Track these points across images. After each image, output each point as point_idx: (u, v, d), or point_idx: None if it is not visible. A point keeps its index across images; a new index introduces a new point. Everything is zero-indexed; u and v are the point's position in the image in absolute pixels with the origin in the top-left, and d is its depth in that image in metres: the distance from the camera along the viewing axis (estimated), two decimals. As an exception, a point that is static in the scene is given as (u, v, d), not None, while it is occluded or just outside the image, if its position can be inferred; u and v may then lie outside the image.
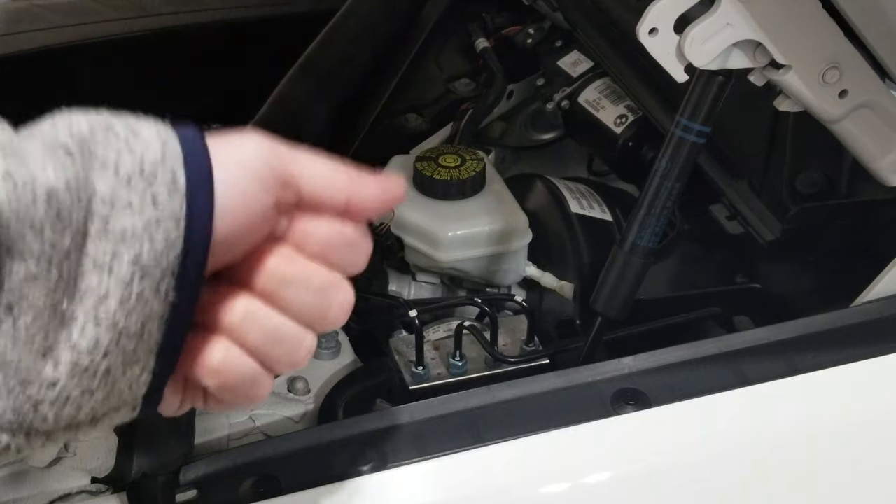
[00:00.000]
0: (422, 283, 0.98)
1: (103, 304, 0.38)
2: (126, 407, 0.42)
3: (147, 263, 0.39)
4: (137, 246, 0.38)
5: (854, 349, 0.68)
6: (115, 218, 0.38)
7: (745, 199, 0.88)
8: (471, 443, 0.62)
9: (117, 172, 0.38)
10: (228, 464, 0.61)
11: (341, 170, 0.46)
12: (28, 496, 0.65)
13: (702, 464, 0.64)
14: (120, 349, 0.39)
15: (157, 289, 0.39)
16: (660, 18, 0.62)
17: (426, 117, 1.13)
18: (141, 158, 0.39)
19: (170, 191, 0.39)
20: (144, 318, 0.39)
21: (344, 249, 0.45)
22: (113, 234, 0.38)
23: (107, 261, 0.38)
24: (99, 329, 0.38)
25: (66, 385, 0.39)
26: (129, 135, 0.39)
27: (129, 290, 0.38)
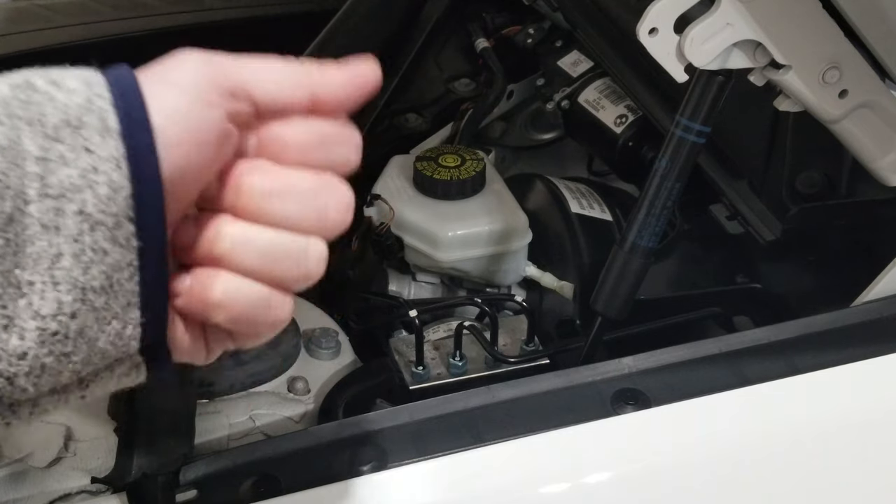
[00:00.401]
0: (422, 283, 0.98)
1: (58, 264, 0.36)
2: (122, 365, 0.40)
3: (93, 213, 0.37)
4: (79, 197, 0.37)
5: (854, 349, 0.68)
6: (49, 173, 0.36)
7: (745, 199, 0.88)
8: (471, 443, 0.62)
9: (43, 127, 0.37)
10: (228, 464, 0.61)
11: (296, 67, 0.42)
12: (28, 496, 0.65)
13: (702, 464, 0.64)
14: (88, 307, 0.37)
15: (114, 238, 0.37)
16: (660, 18, 0.62)
17: (426, 117, 1.13)
18: (65, 107, 0.37)
19: (101, 134, 0.37)
20: (108, 270, 0.37)
21: (326, 148, 0.43)
22: (52, 191, 0.36)
23: (52, 219, 0.36)
24: (59, 291, 0.37)
25: (37, 353, 0.37)
26: (50, 87, 0.38)
27: (81, 245, 0.37)
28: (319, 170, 0.42)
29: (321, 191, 0.42)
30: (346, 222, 0.43)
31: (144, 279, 0.39)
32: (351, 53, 0.47)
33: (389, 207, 0.93)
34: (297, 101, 0.42)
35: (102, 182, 0.37)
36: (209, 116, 0.40)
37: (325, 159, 0.43)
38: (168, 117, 0.39)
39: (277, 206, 0.41)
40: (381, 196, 0.94)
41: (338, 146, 0.43)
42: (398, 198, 0.95)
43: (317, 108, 0.42)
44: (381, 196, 0.94)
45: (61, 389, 0.39)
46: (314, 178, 0.42)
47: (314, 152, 0.42)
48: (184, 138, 0.39)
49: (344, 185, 0.43)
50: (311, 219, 0.42)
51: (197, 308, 0.41)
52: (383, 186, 0.97)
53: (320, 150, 0.43)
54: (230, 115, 0.40)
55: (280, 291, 0.42)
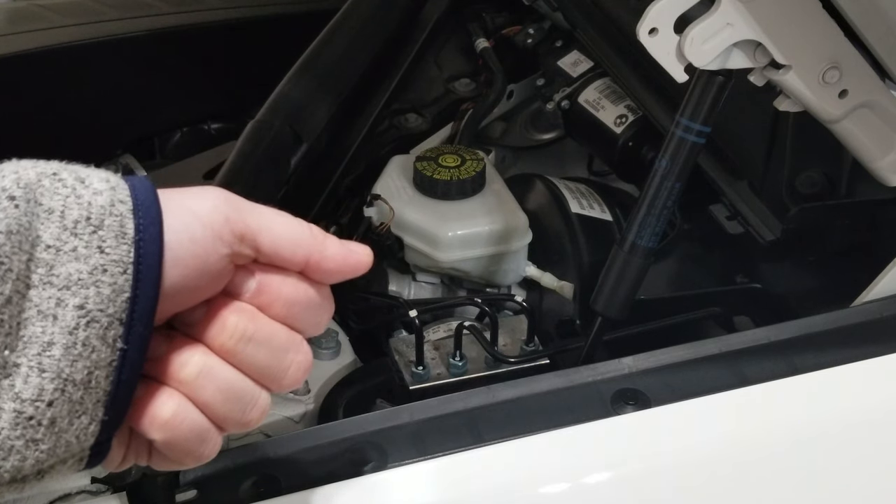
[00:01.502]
0: (422, 283, 0.98)
1: (47, 352, 0.38)
2: (73, 459, 0.41)
3: (93, 310, 0.38)
4: (83, 293, 0.38)
5: (854, 349, 0.68)
6: (59, 264, 0.38)
7: (745, 199, 0.88)
8: (471, 443, 0.62)
9: (63, 219, 0.38)
10: (228, 464, 0.61)
11: (304, 227, 0.45)
12: (28, 496, 0.64)
13: (702, 464, 0.64)
14: (66, 398, 0.38)
15: (104, 336, 0.39)
16: (660, 18, 0.62)
17: (426, 117, 1.13)
18: (88, 205, 0.39)
19: (117, 237, 0.39)
20: (91, 367, 0.39)
21: (308, 311, 0.45)
22: (57, 281, 0.38)
23: (51, 308, 0.38)
24: (43, 378, 0.38)
25: (9, 435, 0.38)
26: (76, 183, 0.39)
27: (74, 338, 0.38)
28: (295, 328, 0.45)
29: (290, 349, 0.44)
30: (299, 384, 0.46)
31: (119, 379, 0.40)
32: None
33: (389, 207, 0.93)
34: (296, 260, 0.44)
35: (107, 283, 0.38)
36: (216, 250, 0.42)
37: (303, 321, 0.45)
38: (179, 239, 0.40)
39: (251, 352, 0.43)
40: (381, 196, 0.94)
41: (318, 312, 0.46)
42: (398, 198, 0.95)
43: (306, 271, 0.45)
44: (381, 196, 0.94)
45: (20, 479, 0.39)
46: (288, 335, 0.44)
47: (298, 312, 0.45)
48: (188, 262, 0.41)
49: (308, 349, 0.45)
50: (274, 372, 0.44)
51: (142, 420, 0.43)
52: (383, 186, 0.97)
53: (304, 312, 0.45)
54: (234, 254, 0.43)
55: (217, 430, 0.44)
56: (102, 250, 0.38)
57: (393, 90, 1.10)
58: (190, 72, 1.25)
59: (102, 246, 0.39)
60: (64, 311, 0.38)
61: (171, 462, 0.45)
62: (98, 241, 0.38)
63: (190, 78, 1.25)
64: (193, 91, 1.26)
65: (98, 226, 0.39)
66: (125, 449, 0.44)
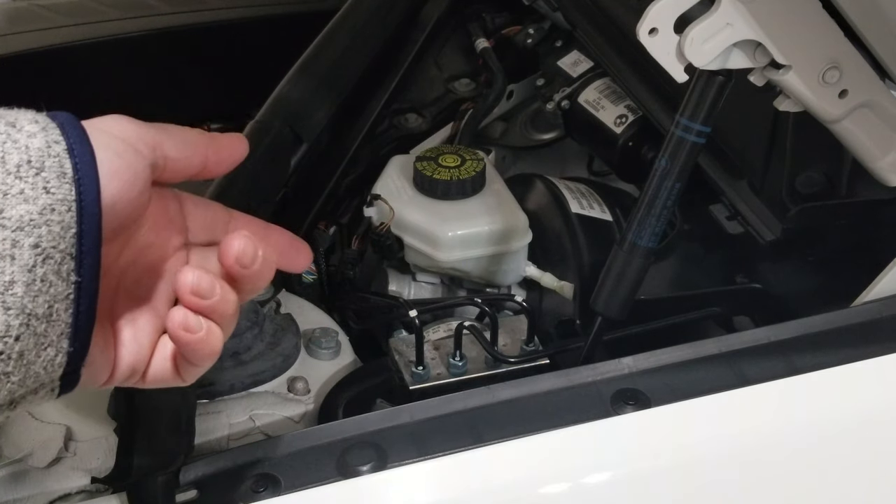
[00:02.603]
0: (422, 283, 0.98)
1: (10, 291, 0.40)
2: (44, 389, 0.43)
3: (47, 247, 0.40)
4: (36, 232, 0.40)
5: (854, 349, 0.68)
6: (9, 207, 0.40)
7: (745, 199, 0.88)
8: (471, 443, 0.62)
9: (4, 163, 0.40)
10: (228, 464, 0.61)
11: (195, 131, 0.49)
12: (28, 496, 0.65)
13: (701, 464, 0.64)
14: (31, 332, 0.41)
15: (59, 271, 0.41)
16: (660, 18, 0.62)
17: (426, 117, 1.13)
18: (26, 149, 0.41)
19: (59, 177, 0.41)
20: (51, 300, 0.41)
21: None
22: (10, 223, 0.40)
23: (7, 249, 0.40)
24: (8, 315, 0.40)
25: None
26: (8, 128, 0.41)
27: (33, 275, 0.40)
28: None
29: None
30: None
31: (78, 311, 0.42)
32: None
33: (389, 207, 0.93)
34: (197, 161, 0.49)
35: (56, 221, 0.41)
36: (138, 160, 0.45)
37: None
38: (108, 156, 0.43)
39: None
40: (381, 196, 0.94)
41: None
42: (398, 198, 0.95)
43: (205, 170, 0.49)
44: (381, 196, 0.94)
45: None
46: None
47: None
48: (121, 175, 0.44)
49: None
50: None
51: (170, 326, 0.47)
52: (383, 186, 0.97)
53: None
54: (152, 164, 0.46)
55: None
56: (48, 191, 0.41)
57: (393, 90, 1.10)
58: (190, 72, 1.25)
59: (47, 187, 0.41)
60: (21, 251, 0.40)
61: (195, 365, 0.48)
62: (43, 183, 0.41)
63: (190, 78, 1.25)
64: (193, 91, 1.26)
65: (40, 168, 0.41)
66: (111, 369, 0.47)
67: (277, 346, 0.78)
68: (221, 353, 0.71)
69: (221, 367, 0.75)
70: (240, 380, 0.75)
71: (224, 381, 0.74)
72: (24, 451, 0.67)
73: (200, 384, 0.73)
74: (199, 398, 0.72)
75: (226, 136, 0.51)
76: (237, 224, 0.53)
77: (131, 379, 0.48)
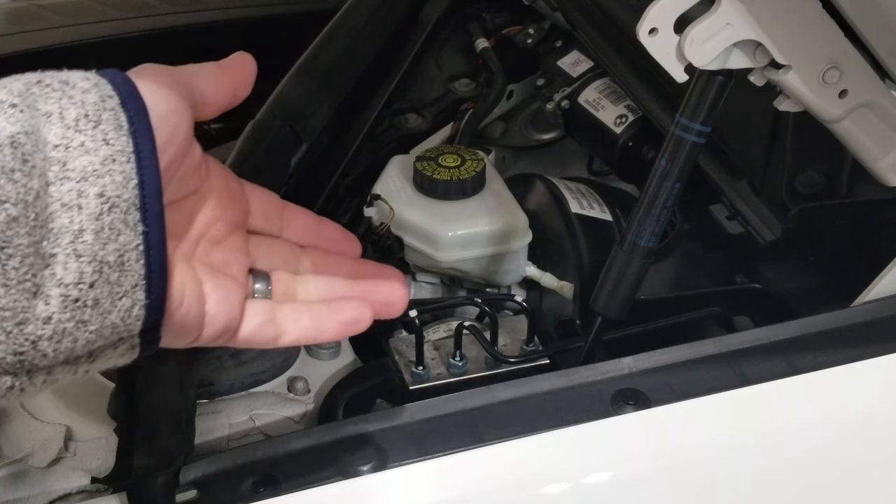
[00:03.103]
0: (422, 283, 0.98)
1: (80, 239, 0.41)
2: (123, 344, 0.44)
3: (112, 196, 0.42)
4: (100, 182, 0.41)
5: (854, 349, 0.68)
6: (72, 160, 0.41)
7: (745, 199, 0.88)
8: (471, 443, 0.62)
9: (63, 119, 0.42)
10: (228, 464, 0.61)
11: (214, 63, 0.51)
12: (28, 496, 0.65)
13: (702, 464, 0.64)
14: (104, 280, 0.42)
15: (126, 220, 0.42)
16: (660, 18, 0.62)
17: (426, 117, 1.12)
18: (82, 104, 0.42)
19: (116, 130, 0.42)
20: (121, 249, 0.42)
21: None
22: (74, 175, 0.41)
23: (73, 199, 0.41)
24: (81, 262, 0.41)
25: (60, 318, 0.41)
26: (62, 85, 0.43)
27: (101, 223, 0.41)
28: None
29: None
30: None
31: (150, 262, 0.43)
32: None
33: (389, 207, 0.93)
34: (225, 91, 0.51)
35: (118, 171, 0.42)
36: (180, 103, 0.46)
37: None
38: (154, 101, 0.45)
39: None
40: (381, 196, 0.94)
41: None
42: (398, 198, 0.95)
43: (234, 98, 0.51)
44: (381, 196, 0.94)
45: (73, 360, 0.43)
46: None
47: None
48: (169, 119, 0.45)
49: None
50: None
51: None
52: (383, 186, 0.97)
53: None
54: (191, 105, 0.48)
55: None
56: (107, 142, 0.42)
57: (393, 90, 1.10)
58: (190, 72, 1.25)
59: (106, 139, 0.42)
60: (87, 201, 0.41)
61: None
62: (102, 135, 0.42)
63: (190, 78, 1.25)
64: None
65: (97, 121, 0.42)
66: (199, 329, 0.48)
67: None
68: (221, 352, 0.72)
69: (221, 367, 0.75)
70: (240, 380, 0.75)
71: (224, 381, 0.74)
72: (24, 451, 0.67)
73: (200, 384, 0.73)
74: (199, 398, 0.72)
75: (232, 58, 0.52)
76: (291, 214, 0.56)
77: (221, 338, 0.50)
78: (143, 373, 0.64)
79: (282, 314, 0.52)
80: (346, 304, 0.53)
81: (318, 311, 0.52)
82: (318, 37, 1.06)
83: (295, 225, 0.57)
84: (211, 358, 0.75)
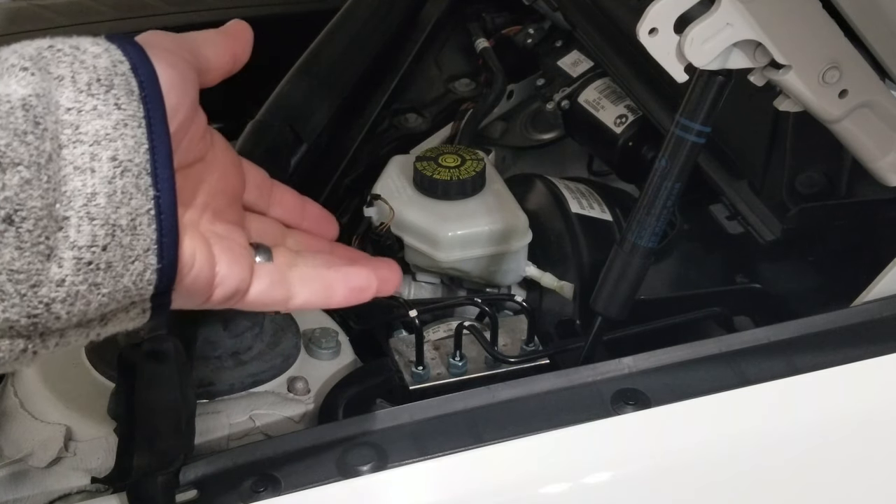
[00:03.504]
0: (422, 283, 0.98)
1: (93, 202, 0.41)
2: (135, 308, 0.45)
3: (124, 160, 0.42)
4: (112, 146, 0.42)
5: (854, 349, 0.68)
6: (84, 123, 0.41)
7: (745, 199, 0.88)
8: (471, 443, 0.62)
9: (75, 83, 0.42)
10: (228, 464, 0.61)
11: (212, 31, 0.52)
12: (28, 496, 0.65)
13: (702, 464, 0.64)
14: (117, 243, 0.42)
15: (138, 185, 0.42)
16: (660, 18, 0.62)
17: (426, 117, 1.12)
18: (94, 68, 0.42)
19: (127, 95, 0.43)
20: (133, 213, 0.42)
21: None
22: (86, 138, 0.41)
23: (86, 162, 0.41)
24: (94, 225, 0.41)
25: (73, 281, 0.41)
26: (74, 50, 0.43)
27: (113, 186, 0.42)
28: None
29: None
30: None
31: (161, 226, 0.44)
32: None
33: (389, 207, 0.93)
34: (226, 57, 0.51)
35: (130, 135, 0.42)
36: (187, 67, 0.47)
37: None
38: (162, 66, 0.45)
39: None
40: (381, 196, 0.94)
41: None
42: (398, 198, 0.95)
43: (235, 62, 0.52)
44: (381, 196, 0.94)
45: (86, 323, 0.43)
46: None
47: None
48: (177, 84, 0.46)
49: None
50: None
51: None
52: (383, 186, 0.97)
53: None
54: (196, 69, 0.48)
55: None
56: (119, 107, 0.42)
57: (393, 90, 1.10)
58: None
59: (118, 103, 0.42)
60: (100, 164, 0.41)
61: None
62: (114, 99, 0.42)
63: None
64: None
65: (109, 85, 0.42)
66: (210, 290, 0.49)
67: (277, 346, 0.78)
68: (221, 352, 0.72)
69: (221, 367, 0.75)
70: (240, 380, 0.75)
71: (224, 381, 0.74)
72: (24, 451, 0.67)
73: (200, 384, 0.73)
74: (199, 398, 0.72)
75: (230, 25, 0.53)
76: (279, 190, 0.57)
77: (233, 300, 0.50)
78: (143, 373, 0.64)
79: (291, 276, 0.52)
80: (355, 270, 0.54)
81: (327, 275, 0.53)
82: (318, 37, 1.06)
83: (282, 202, 0.58)
84: (211, 358, 0.75)
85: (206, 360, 0.75)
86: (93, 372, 0.73)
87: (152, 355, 0.64)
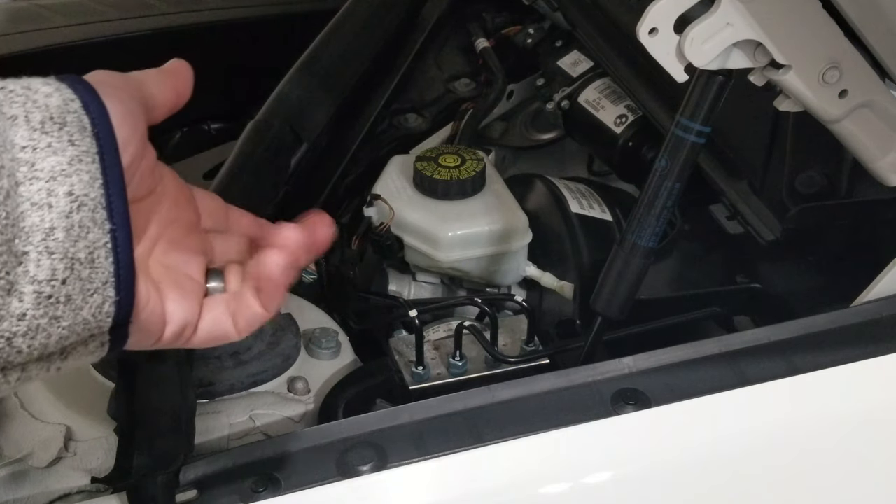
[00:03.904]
0: (422, 283, 0.98)
1: (52, 237, 0.42)
2: (94, 341, 0.45)
3: (80, 195, 0.43)
4: (68, 181, 0.42)
5: (854, 349, 0.68)
6: (40, 160, 0.42)
7: (745, 199, 0.88)
8: (471, 443, 0.62)
9: (29, 122, 0.42)
10: (228, 464, 0.61)
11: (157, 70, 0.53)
12: (28, 496, 0.65)
13: (701, 464, 0.64)
14: (76, 276, 0.42)
15: (94, 218, 0.43)
16: (660, 18, 0.62)
17: (426, 117, 1.13)
18: (46, 107, 0.43)
19: (80, 131, 0.43)
20: (90, 246, 0.43)
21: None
22: (43, 175, 0.42)
23: (43, 198, 0.42)
24: (53, 259, 0.42)
25: (34, 314, 0.42)
26: (25, 90, 0.43)
27: (71, 220, 0.42)
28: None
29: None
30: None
31: (118, 259, 0.44)
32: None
33: (389, 207, 0.93)
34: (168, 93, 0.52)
35: (84, 171, 0.43)
36: (136, 108, 0.48)
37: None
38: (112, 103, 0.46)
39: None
40: (381, 196, 0.94)
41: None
42: (398, 198, 0.95)
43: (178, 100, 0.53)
44: (381, 196, 0.94)
45: (47, 356, 0.44)
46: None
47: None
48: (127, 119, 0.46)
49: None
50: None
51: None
52: (383, 186, 0.97)
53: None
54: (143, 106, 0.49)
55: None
56: (73, 143, 0.43)
57: (393, 90, 1.10)
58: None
59: (72, 139, 0.43)
60: (57, 199, 0.42)
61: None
62: (67, 136, 0.43)
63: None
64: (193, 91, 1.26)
65: (62, 123, 0.43)
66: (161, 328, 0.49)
67: (277, 346, 0.78)
68: (221, 352, 0.72)
69: (221, 367, 0.75)
70: (240, 380, 0.75)
71: (224, 381, 0.74)
72: (24, 451, 0.67)
73: (200, 384, 0.73)
74: (199, 398, 0.72)
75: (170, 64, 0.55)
76: (234, 214, 0.57)
77: (182, 337, 0.50)
78: (143, 373, 0.64)
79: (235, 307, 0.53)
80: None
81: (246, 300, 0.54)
82: (318, 37, 1.06)
83: (239, 224, 0.58)
84: (211, 358, 0.75)
85: (205, 360, 0.75)
86: (93, 372, 0.73)
87: (152, 355, 0.64)
